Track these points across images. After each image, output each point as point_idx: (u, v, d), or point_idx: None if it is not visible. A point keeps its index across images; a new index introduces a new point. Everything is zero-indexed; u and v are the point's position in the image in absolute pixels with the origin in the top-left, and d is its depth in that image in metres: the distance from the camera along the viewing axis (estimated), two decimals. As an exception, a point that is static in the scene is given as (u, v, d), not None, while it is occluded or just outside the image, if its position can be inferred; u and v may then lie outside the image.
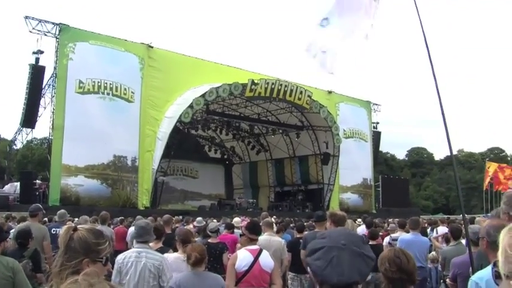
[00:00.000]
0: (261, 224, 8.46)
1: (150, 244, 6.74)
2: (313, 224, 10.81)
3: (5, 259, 5.32)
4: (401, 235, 10.30)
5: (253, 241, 6.68)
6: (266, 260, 6.38)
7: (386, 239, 10.91)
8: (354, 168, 42.92)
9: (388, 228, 14.20)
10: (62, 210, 12.37)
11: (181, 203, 41.00)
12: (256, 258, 6.29)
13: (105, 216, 12.16)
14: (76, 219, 13.20)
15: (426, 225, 16.90)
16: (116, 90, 30.36)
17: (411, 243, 9.09)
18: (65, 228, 2.86)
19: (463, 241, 7.88)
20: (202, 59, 36.36)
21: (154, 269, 6.06)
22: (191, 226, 13.85)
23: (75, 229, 2.82)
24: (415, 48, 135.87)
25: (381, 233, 12.35)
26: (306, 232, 10.50)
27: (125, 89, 30.79)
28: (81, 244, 2.75)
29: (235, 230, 11.72)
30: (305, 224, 12.89)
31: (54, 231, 10.40)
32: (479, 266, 4.26)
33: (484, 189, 46.06)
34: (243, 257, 6.31)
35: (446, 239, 11.14)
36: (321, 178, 41.38)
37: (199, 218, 15.12)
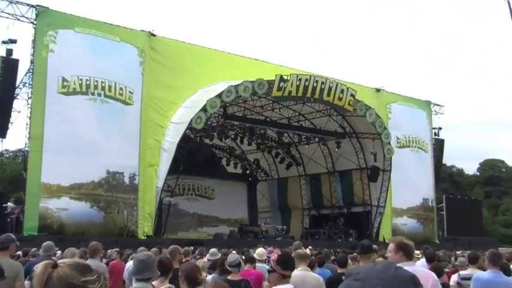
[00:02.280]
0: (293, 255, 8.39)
1: (154, 283, 6.69)
2: (358, 256, 10.72)
3: None
4: (475, 272, 10.08)
5: (285, 278, 6.61)
6: (302, 302, 6.33)
7: (454, 278, 10.71)
8: (410, 186, 42.52)
9: (456, 263, 14.03)
10: (49, 242, 12.33)
11: (193, 230, 41.17)
12: (290, 300, 6.25)
13: (95, 247, 12.12)
14: (59, 252, 13.21)
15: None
16: (110, 90, 30.36)
17: (491, 285, 8.44)
18: (41, 265, 2.82)
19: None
20: (216, 49, 36.40)
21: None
22: (205, 260, 13.81)
23: (54, 266, 2.78)
24: (485, 35, 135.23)
25: (447, 269, 12.20)
26: (349, 266, 10.42)
27: (121, 89, 30.80)
28: (62, 285, 2.71)
29: (257, 264, 11.69)
30: (348, 256, 12.78)
31: (36, 268, 10.37)
32: None
33: None
34: (274, 298, 6.26)
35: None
36: (368, 199, 41.24)
37: (212, 250, 15.09)
